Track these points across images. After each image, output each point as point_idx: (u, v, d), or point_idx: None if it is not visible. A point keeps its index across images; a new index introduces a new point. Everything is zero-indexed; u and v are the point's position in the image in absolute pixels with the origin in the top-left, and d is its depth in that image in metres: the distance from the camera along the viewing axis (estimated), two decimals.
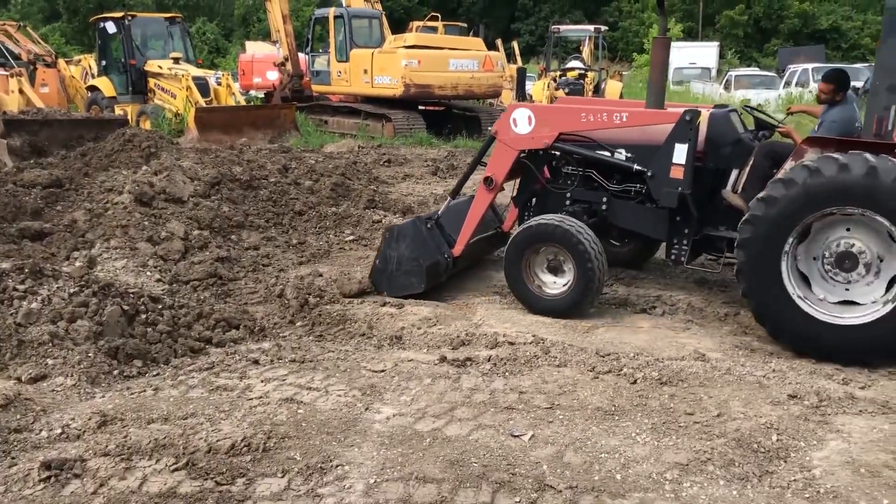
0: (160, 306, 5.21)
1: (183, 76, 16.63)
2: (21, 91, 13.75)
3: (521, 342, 5.07)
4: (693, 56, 35.29)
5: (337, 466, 3.48)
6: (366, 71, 17.78)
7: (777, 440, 3.74)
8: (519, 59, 29.58)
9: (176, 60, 17.58)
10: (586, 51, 25.05)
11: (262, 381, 4.44)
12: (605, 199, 6.15)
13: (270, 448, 3.62)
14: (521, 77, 18.83)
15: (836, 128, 5.78)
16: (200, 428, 3.79)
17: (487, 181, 6.28)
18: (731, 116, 6.09)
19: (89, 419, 3.85)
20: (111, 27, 18.07)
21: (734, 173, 5.88)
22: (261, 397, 4.21)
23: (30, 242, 6.97)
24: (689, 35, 44.11)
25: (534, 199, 6.57)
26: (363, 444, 3.70)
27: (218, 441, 3.64)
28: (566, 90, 20.34)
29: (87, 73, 21.00)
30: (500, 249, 6.30)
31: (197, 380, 4.47)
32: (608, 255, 6.10)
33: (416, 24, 25.35)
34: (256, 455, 3.56)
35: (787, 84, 24.65)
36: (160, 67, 17.48)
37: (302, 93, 19.38)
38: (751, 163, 5.72)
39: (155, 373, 4.61)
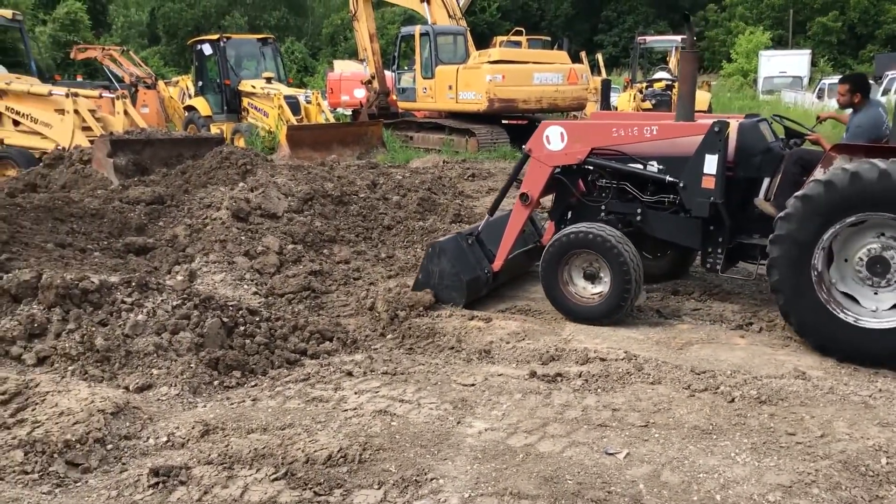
0: (257, 318, 5.37)
1: (275, 95, 17.14)
2: (126, 112, 14.40)
3: (613, 358, 5.01)
4: (783, 65, 34.38)
5: (431, 480, 3.51)
6: (451, 87, 17.95)
7: (887, 463, 3.58)
8: (603, 70, 29.37)
9: (268, 80, 18.14)
10: (673, 61, 24.66)
11: (355, 393, 4.52)
12: (639, 211, 6.21)
13: (366, 459, 3.69)
14: (606, 89, 18.58)
15: (862, 133, 5.81)
16: (298, 438, 3.88)
17: (523, 197, 6.39)
18: (761, 126, 6.09)
19: (193, 428, 4.00)
20: (207, 49, 18.80)
21: (766, 182, 5.89)
22: (355, 409, 4.29)
23: (135, 257, 7.30)
24: (779, 43, 42.89)
25: (570, 213, 6.63)
26: (456, 457, 3.72)
27: (315, 451, 3.72)
28: (653, 101, 20.08)
29: (184, 94, 21.88)
30: (538, 262, 6.40)
31: (293, 391, 4.59)
32: (643, 269, 6.14)
33: (499, 39, 25.46)
34: (353, 466, 3.63)
35: (886, 92, 23.61)
36: (253, 87, 18.06)
37: (388, 109, 19.72)
38: (781, 171, 5.73)
39: (253, 383, 4.74)
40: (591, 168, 6.37)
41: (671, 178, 5.89)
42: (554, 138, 6.27)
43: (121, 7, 59.64)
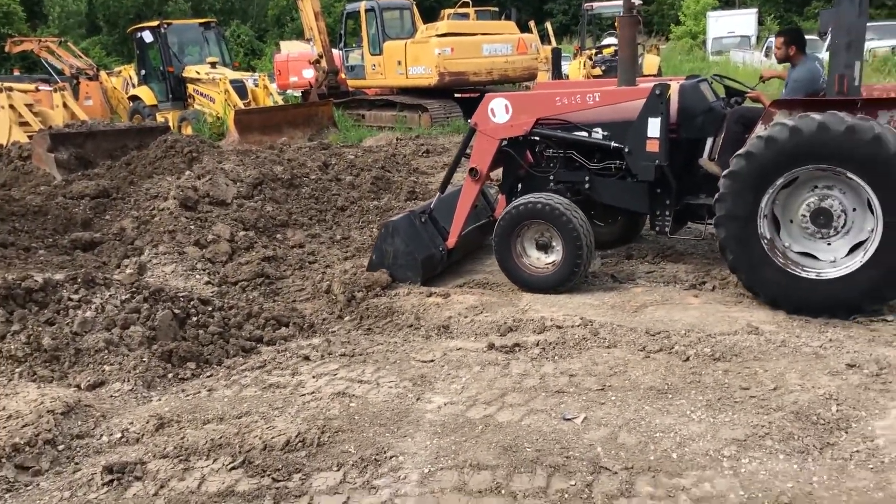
0: (210, 308, 5.29)
1: (220, 80, 16.83)
2: (65, 105, 14.05)
3: (569, 325, 5.03)
4: (731, 25, 34.61)
5: (391, 457, 3.50)
6: (400, 62, 17.78)
7: (837, 411, 3.65)
8: (553, 39, 29.28)
9: (213, 65, 17.79)
10: None
11: (313, 377, 4.48)
12: (587, 178, 6.24)
13: (325, 442, 3.66)
14: (557, 58, 18.69)
15: (800, 87, 5.92)
16: (255, 426, 3.84)
17: (472, 172, 6.38)
18: (701, 86, 6.18)
19: (147, 422, 3.93)
20: (148, 36, 18.37)
21: (710, 141, 5.97)
22: (313, 393, 4.25)
23: (82, 252, 7.14)
24: (727, 3, 43.18)
25: (520, 185, 6.62)
26: (416, 434, 3.71)
27: (273, 438, 3.68)
28: (603, 68, 20.11)
29: (128, 84, 21.39)
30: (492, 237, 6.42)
31: (250, 379, 4.53)
32: (597, 236, 6.36)
33: (447, 11, 25.25)
34: (311, 450, 3.60)
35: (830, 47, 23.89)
36: (198, 73, 17.71)
37: (338, 89, 19.48)
38: (724, 130, 5.81)
39: (208, 374, 4.68)
40: (538, 139, 6.36)
41: (616, 144, 5.93)
42: (499, 111, 6.26)
43: None
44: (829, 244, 5.11)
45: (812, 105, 5.13)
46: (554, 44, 27.22)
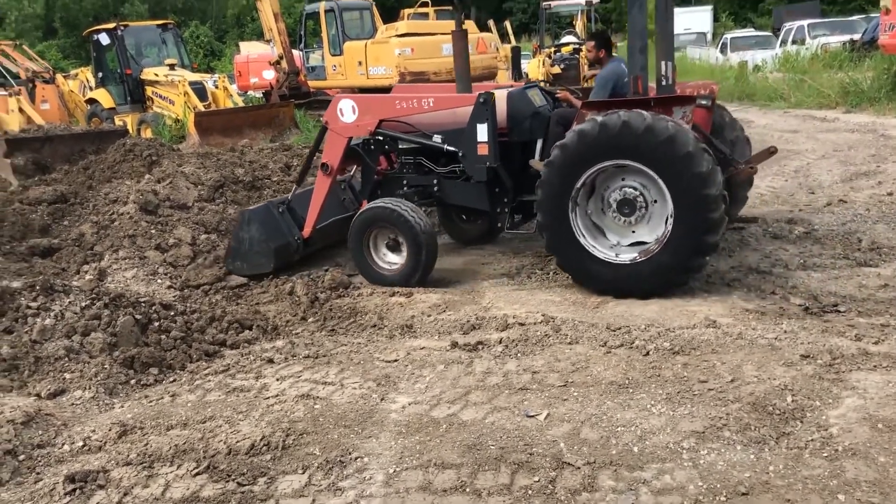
0: (172, 313, 5.26)
1: (179, 82, 16.65)
2: (21, 110, 13.79)
3: (532, 322, 5.09)
4: (687, 22, 34.99)
5: (356, 459, 3.51)
6: (360, 63, 17.73)
7: (792, 401, 3.74)
8: (512, 38, 29.38)
9: (171, 67, 17.60)
10: (580, 24, 24.92)
11: (277, 380, 4.47)
12: (435, 182, 6.73)
13: (290, 445, 3.66)
14: (516, 56, 18.83)
15: (602, 83, 6.39)
16: (219, 430, 3.83)
17: (324, 167, 6.75)
18: (528, 92, 6.67)
19: (110, 430, 3.90)
20: (105, 39, 18.09)
21: (539, 143, 6.42)
22: (277, 395, 4.25)
23: (40, 259, 7.03)
24: (683, 1, 43.71)
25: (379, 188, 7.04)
26: (381, 434, 3.73)
27: (237, 442, 3.68)
28: (561, 66, 20.28)
29: (84, 87, 21.05)
30: None
31: (213, 383, 4.51)
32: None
33: (406, 11, 25.23)
34: (276, 453, 3.60)
35: (784, 42, 24.36)
36: (156, 75, 17.51)
37: (299, 90, 19.36)
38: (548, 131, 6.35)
39: (172, 379, 4.65)
40: (381, 139, 6.75)
41: (452, 148, 6.37)
42: (346, 111, 6.65)
43: (13, 0, 56.86)
44: (633, 231, 5.63)
45: (619, 104, 5.57)
46: (514, 42, 27.33)
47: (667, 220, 5.36)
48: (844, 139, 11.82)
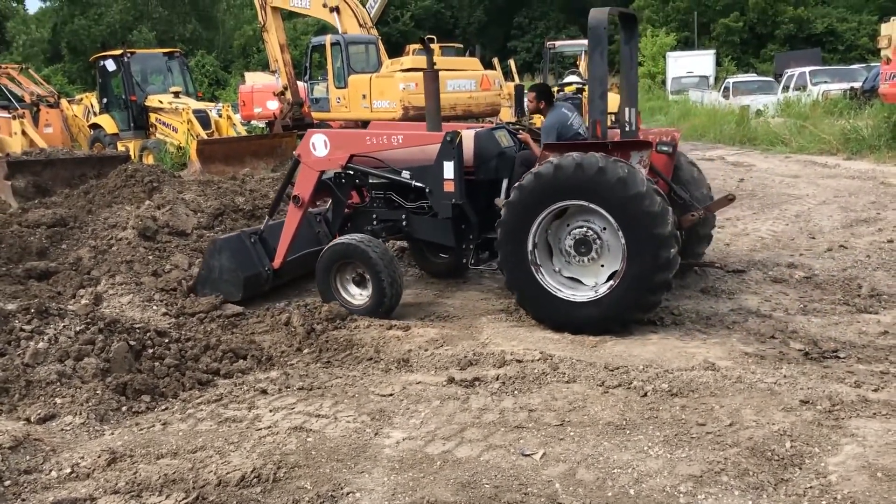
0: (167, 340, 5.22)
1: (183, 110, 16.74)
2: (24, 132, 13.85)
3: (529, 360, 5.05)
4: (690, 65, 35.42)
5: (348, 494, 3.45)
6: (364, 96, 17.84)
7: (791, 447, 3.70)
8: (516, 76, 29.67)
9: (176, 94, 17.70)
10: (583, 65, 25.11)
11: (270, 411, 4.42)
12: (404, 217, 6.83)
13: (280, 478, 3.60)
14: (520, 94, 18.89)
15: (549, 130, 6.54)
16: (210, 461, 3.77)
17: (295, 199, 6.86)
18: (495, 133, 6.82)
19: (99, 457, 3.84)
20: (111, 65, 18.24)
21: (505, 182, 6.53)
22: (270, 427, 4.19)
23: (36, 282, 7.01)
24: (686, 45, 44.18)
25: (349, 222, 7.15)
26: (373, 469, 3.68)
27: (228, 473, 3.62)
28: None
29: (89, 112, 21.19)
30: None
31: (205, 412, 4.46)
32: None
33: (412, 47, 25.48)
34: (267, 486, 3.54)
35: (786, 88, 24.58)
36: (161, 102, 17.60)
37: (302, 121, 19.44)
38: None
39: (163, 407, 4.60)
40: (352, 173, 6.85)
41: (419, 184, 6.47)
42: (319, 145, 6.78)
43: (20, 24, 57.46)
44: (588, 270, 5.74)
45: (575, 147, 5.72)
46: (517, 80, 27.57)
47: (621, 259, 5.47)
48: (845, 185, 11.86)
